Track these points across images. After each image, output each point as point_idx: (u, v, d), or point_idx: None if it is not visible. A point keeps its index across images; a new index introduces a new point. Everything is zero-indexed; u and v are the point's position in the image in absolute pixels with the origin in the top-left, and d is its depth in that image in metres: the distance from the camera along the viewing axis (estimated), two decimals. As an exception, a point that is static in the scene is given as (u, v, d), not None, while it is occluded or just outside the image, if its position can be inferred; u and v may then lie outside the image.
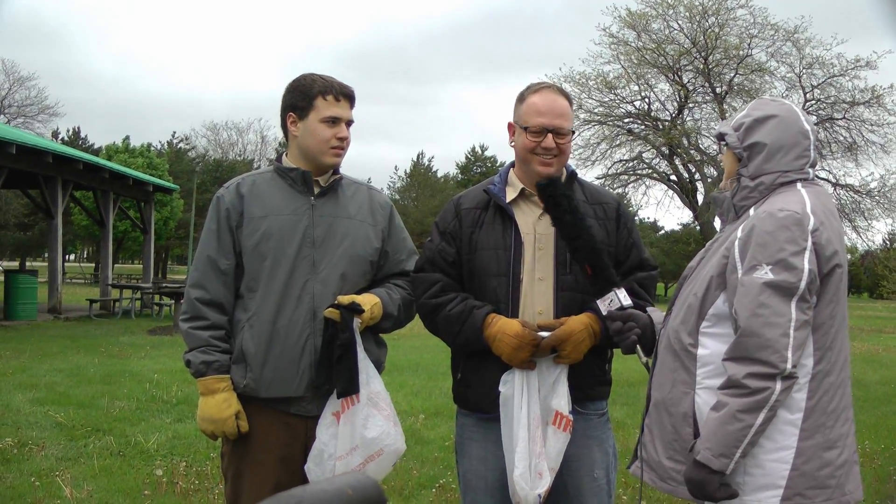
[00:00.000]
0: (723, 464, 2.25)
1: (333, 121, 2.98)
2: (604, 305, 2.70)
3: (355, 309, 2.89)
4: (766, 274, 2.25)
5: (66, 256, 66.36)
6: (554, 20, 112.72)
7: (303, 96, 2.98)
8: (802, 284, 2.22)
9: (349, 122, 3.04)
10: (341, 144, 3.01)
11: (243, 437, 2.92)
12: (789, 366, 2.20)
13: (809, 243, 2.25)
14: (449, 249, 2.95)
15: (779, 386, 2.21)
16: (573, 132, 3.02)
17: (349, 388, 2.86)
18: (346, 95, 3.01)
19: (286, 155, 3.12)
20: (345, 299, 2.91)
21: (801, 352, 2.24)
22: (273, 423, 2.93)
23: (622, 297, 2.67)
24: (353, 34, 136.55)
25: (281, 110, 3.06)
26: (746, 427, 2.23)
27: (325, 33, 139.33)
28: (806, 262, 2.23)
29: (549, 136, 2.86)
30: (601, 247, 2.78)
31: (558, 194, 2.78)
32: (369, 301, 2.95)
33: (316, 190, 3.04)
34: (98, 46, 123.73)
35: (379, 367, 3.04)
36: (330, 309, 2.90)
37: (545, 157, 2.88)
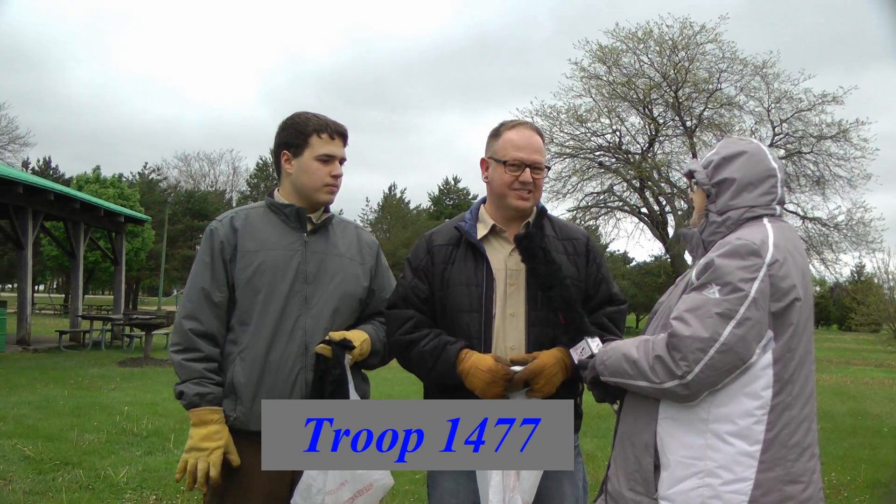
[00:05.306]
0: (600, 371, 2.57)
1: (328, 159, 3.04)
2: (576, 354, 2.76)
3: (346, 345, 2.93)
4: (713, 294, 2.32)
5: (36, 287, 65.48)
6: (540, 50, 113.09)
7: (297, 134, 3.03)
8: (742, 309, 2.27)
9: (342, 160, 3.09)
10: (335, 182, 3.07)
11: (229, 470, 2.89)
12: (690, 377, 2.28)
13: (762, 273, 2.30)
14: (421, 286, 2.99)
15: (672, 384, 2.32)
16: (548, 167, 3.10)
17: None
18: (340, 134, 3.08)
19: (278, 191, 3.15)
20: (336, 335, 2.94)
21: (716, 373, 2.28)
22: (260, 456, 2.87)
23: (594, 345, 2.73)
24: (333, 61, 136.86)
25: (274, 147, 3.11)
26: (628, 379, 2.45)
27: (303, 60, 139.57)
28: (753, 290, 2.29)
29: (528, 170, 2.93)
30: (575, 296, 2.84)
31: (534, 246, 2.86)
32: (359, 337, 2.99)
33: (308, 227, 3.08)
34: (71, 72, 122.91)
35: None
36: (321, 345, 2.93)
37: (522, 192, 2.95)
